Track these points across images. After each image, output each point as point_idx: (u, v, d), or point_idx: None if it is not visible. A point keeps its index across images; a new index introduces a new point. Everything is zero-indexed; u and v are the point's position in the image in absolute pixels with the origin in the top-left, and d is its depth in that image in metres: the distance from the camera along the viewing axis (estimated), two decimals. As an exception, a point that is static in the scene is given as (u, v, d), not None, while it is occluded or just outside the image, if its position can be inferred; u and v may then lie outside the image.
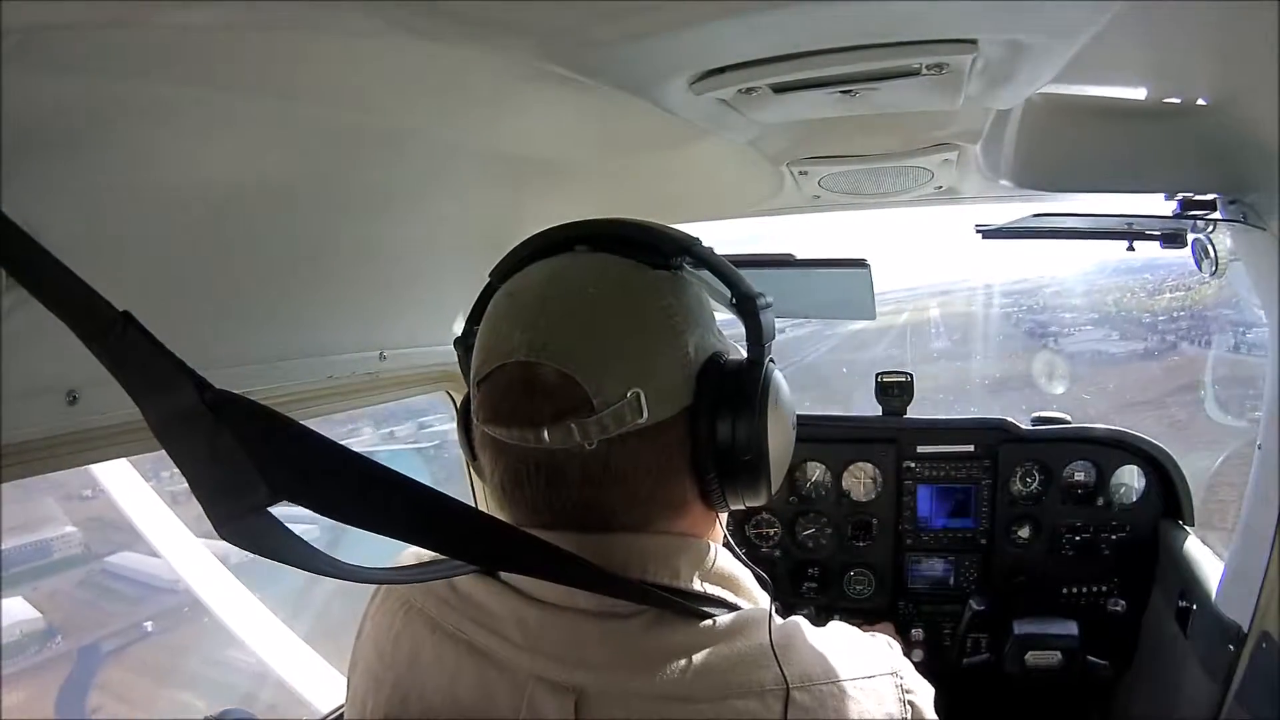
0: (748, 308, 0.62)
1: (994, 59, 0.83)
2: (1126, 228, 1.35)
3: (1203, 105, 1.02)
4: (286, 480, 0.42)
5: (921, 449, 1.91)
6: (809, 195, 1.66)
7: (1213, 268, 1.28)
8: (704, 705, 0.53)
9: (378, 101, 0.91)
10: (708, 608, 0.58)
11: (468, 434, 0.65)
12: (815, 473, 1.97)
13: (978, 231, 1.47)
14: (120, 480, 2.89)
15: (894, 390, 1.95)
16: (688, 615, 0.57)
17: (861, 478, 1.96)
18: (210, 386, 0.43)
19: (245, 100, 0.81)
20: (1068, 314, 6.18)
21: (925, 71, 0.85)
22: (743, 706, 0.53)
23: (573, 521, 0.58)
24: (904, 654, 0.65)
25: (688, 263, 0.62)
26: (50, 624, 3.68)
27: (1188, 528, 1.74)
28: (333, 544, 0.49)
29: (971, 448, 1.90)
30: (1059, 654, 1.71)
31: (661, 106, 0.94)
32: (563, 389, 0.55)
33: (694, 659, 0.54)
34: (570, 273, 0.60)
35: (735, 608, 0.60)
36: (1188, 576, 1.52)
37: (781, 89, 0.90)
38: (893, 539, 1.95)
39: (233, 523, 0.43)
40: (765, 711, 0.53)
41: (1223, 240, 1.27)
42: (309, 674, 2.33)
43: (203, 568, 2.84)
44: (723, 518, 0.66)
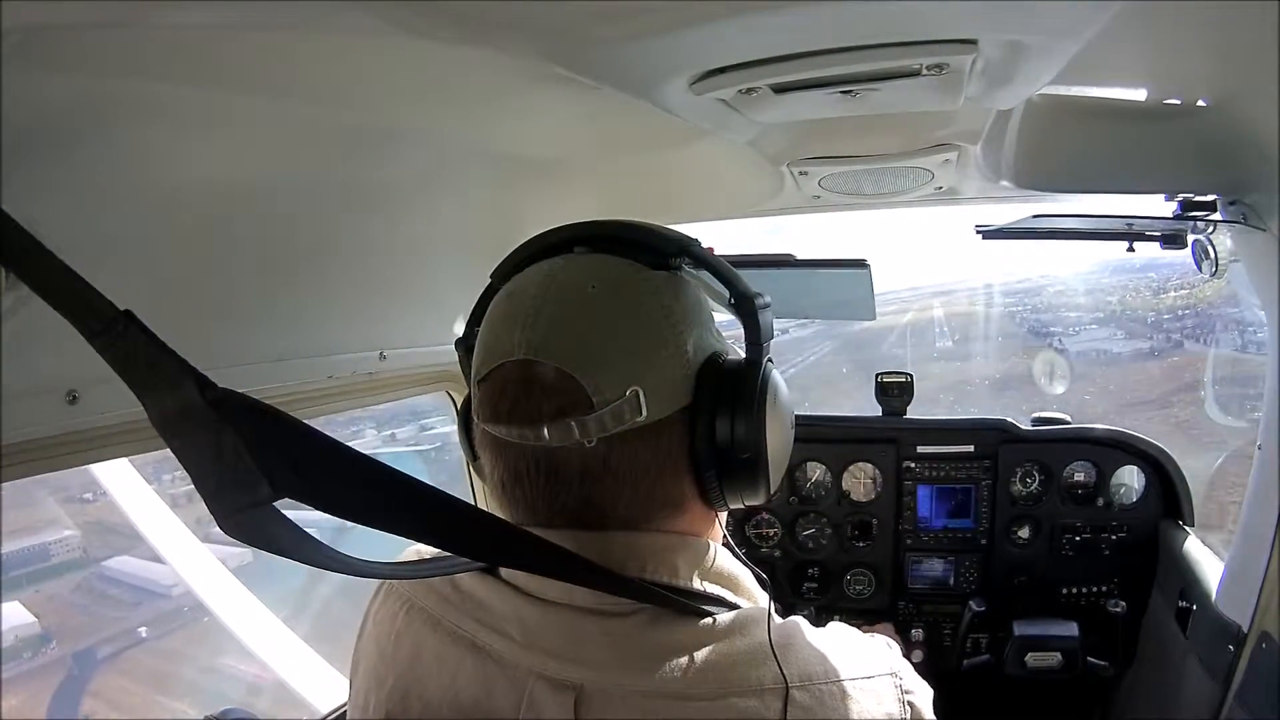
0: (746, 307, 0.62)
1: (994, 59, 0.83)
2: (1127, 228, 1.35)
3: (1203, 105, 1.02)
4: (289, 477, 0.42)
5: (921, 449, 1.91)
6: (809, 195, 1.67)
7: (1213, 268, 1.28)
8: (703, 703, 0.53)
9: (378, 101, 0.91)
10: (707, 606, 0.58)
11: (468, 434, 0.65)
12: (815, 473, 1.97)
13: (978, 232, 1.47)
14: (122, 483, 2.89)
15: (894, 390, 1.95)
16: (687, 613, 0.57)
17: (861, 478, 1.96)
18: (212, 385, 0.43)
19: (245, 100, 0.81)
20: (1071, 313, 6.16)
21: (925, 72, 0.85)
22: (742, 705, 0.53)
23: (572, 519, 0.58)
24: (904, 654, 0.66)
25: (686, 263, 0.62)
26: (46, 629, 3.65)
27: (1188, 528, 1.74)
28: (334, 542, 0.49)
29: (971, 448, 1.90)
30: (1059, 655, 1.71)
31: (662, 107, 0.94)
32: (562, 387, 0.55)
33: (693, 657, 0.54)
34: (570, 273, 0.61)
35: (734, 607, 0.60)
36: (1188, 577, 1.52)
37: (782, 89, 0.90)
38: (893, 539, 1.95)
39: (236, 518, 0.43)
40: (764, 710, 0.53)
41: (1223, 241, 1.27)
42: (309, 674, 2.33)
43: (204, 570, 2.83)
44: (722, 517, 0.66)
